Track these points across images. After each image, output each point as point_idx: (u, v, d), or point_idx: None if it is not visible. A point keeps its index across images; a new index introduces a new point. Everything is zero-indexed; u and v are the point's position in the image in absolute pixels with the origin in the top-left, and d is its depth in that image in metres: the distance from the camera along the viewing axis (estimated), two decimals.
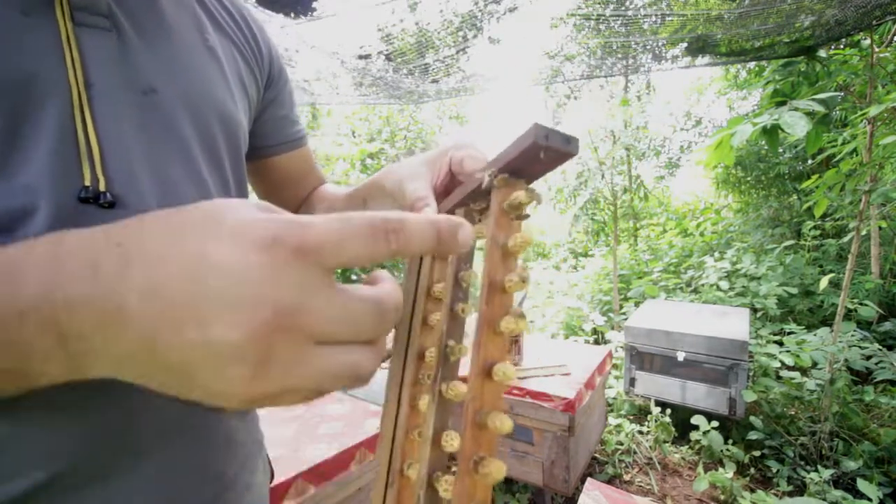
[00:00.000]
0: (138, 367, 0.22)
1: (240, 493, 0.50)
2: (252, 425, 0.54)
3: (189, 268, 0.20)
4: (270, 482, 0.59)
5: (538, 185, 0.34)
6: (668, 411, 2.52)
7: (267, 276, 0.20)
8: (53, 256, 0.22)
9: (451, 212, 0.39)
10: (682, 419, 2.51)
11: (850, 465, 2.12)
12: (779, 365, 2.62)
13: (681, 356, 2.47)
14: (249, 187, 0.62)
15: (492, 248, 0.29)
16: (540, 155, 0.28)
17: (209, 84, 0.46)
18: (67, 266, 0.21)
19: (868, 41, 2.58)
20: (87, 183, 0.36)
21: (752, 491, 2.10)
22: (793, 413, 2.57)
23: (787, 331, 3.12)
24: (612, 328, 3.79)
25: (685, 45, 2.82)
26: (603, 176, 4.18)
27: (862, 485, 1.83)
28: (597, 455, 2.39)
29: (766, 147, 4.94)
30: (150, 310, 0.20)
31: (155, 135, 0.41)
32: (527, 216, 0.31)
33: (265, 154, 0.62)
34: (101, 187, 0.37)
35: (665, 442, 2.48)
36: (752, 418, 2.41)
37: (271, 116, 0.60)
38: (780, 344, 2.84)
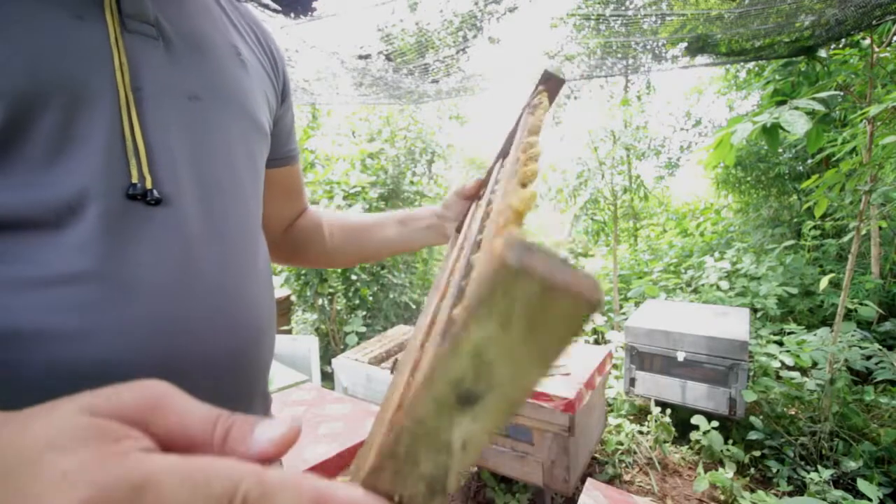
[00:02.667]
0: None
1: None
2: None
3: None
4: None
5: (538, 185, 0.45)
6: (668, 411, 2.52)
7: None
8: None
9: (501, 157, 0.56)
10: (682, 419, 2.51)
11: (850, 465, 2.12)
12: (779, 365, 2.61)
13: (681, 356, 2.47)
14: None
15: (525, 118, 0.45)
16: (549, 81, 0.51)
17: (245, 95, 0.49)
18: None
19: (868, 41, 2.58)
20: (135, 181, 0.38)
21: (752, 491, 2.09)
22: (793, 413, 2.57)
23: (787, 331, 3.12)
24: (612, 328, 3.79)
25: (685, 44, 2.82)
26: (603, 176, 4.18)
27: (862, 485, 1.83)
28: (597, 455, 2.39)
29: (766, 147, 4.94)
30: None
31: (198, 139, 0.43)
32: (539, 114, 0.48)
33: (267, 166, 0.65)
34: (148, 185, 0.39)
35: (665, 442, 2.48)
36: (752, 418, 2.41)
37: (279, 130, 0.63)
38: (780, 344, 2.84)
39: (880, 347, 2.59)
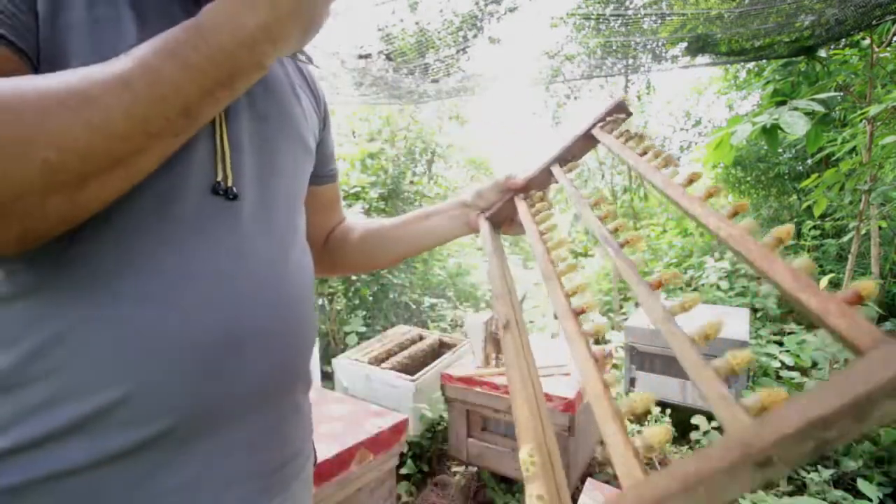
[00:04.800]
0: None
1: (302, 463, 0.58)
2: (308, 404, 0.63)
3: None
4: (315, 464, 0.66)
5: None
6: (668, 411, 2.52)
7: None
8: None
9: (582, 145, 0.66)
10: (682, 419, 2.51)
11: (850, 465, 2.12)
12: (779, 365, 2.61)
13: None
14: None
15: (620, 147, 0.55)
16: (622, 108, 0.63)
17: (298, 123, 0.60)
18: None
19: (868, 41, 2.58)
20: (219, 179, 0.48)
21: (752, 491, 2.09)
22: None
23: (787, 331, 3.12)
24: (613, 328, 3.79)
25: (685, 44, 2.82)
26: (603, 176, 4.18)
27: (862, 485, 1.83)
28: (597, 455, 2.39)
29: (765, 147, 4.94)
30: None
31: (263, 150, 0.54)
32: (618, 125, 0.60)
33: (313, 182, 0.74)
34: (229, 183, 0.48)
35: (665, 442, 2.48)
36: None
37: (322, 152, 0.73)
38: (780, 344, 2.84)
39: None
